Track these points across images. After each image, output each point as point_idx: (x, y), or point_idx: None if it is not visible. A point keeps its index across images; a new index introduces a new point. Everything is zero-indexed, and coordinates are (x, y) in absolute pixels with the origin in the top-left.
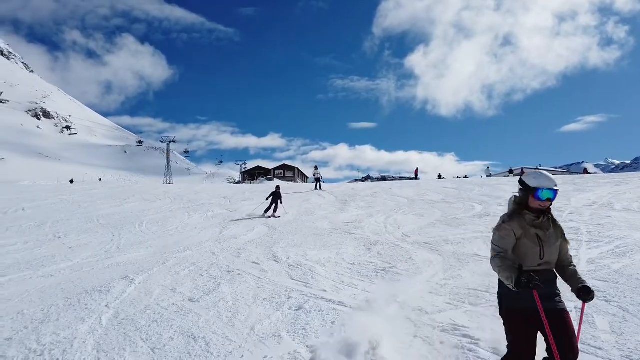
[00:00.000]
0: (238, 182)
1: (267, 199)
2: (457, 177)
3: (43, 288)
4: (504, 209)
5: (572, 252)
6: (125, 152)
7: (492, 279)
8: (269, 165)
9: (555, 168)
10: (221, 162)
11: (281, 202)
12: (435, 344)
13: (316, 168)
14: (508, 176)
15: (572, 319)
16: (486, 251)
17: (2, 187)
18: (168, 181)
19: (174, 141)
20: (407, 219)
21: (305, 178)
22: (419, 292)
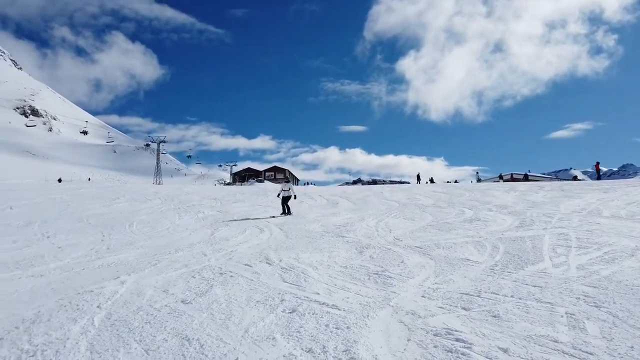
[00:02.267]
0: (228, 184)
1: None
2: (448, 182)
3: (33, 288)
4: (494, 214)
5: (561, 258)
6: (115, 152)
7: (483, 284)
8: (259, 167)
9: (544, 174)
10: (221, 165)
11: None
12: (429, 347)
13: (287, 181)
14: (498, 181)
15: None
16: (477, 256)
17: None
18: (158, 181)
19: (164, 141)
20: (398, 222)
21: (296, 180)
22: (411, 296)
